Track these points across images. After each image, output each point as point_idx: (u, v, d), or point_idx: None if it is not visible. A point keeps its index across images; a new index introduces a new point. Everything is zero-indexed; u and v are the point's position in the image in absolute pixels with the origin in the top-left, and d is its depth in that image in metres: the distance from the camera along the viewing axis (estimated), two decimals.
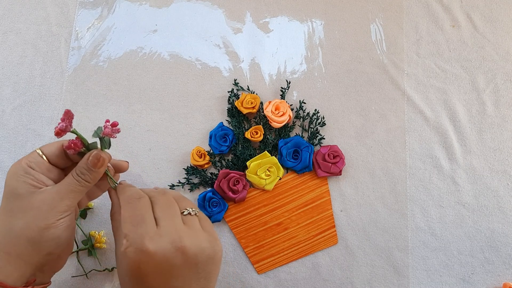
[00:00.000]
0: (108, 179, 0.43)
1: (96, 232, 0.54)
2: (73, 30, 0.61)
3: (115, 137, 0.40)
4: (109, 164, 0.44)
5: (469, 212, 0.55)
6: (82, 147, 0.39)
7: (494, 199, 0.55)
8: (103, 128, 0.39)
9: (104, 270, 0.54)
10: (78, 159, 0.41)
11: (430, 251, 0.55)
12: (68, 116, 0.38)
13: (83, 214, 0.55)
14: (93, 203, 0.55)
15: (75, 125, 0.58)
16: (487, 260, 0.54)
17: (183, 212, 0.40)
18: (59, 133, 0.37)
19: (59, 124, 0.37)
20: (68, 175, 0.40)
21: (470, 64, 0.59)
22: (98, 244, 0.54)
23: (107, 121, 0.39)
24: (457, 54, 0.59)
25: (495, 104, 0.58)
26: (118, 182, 0.43)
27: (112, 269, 0.53)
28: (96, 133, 0.40)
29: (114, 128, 0.39)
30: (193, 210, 0.41)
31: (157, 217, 0.39)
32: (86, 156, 0.40)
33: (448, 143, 0.57)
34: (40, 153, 0.40)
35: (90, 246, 0.54)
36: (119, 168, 0.45)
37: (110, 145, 0.41)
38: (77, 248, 0.54)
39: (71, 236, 0.40)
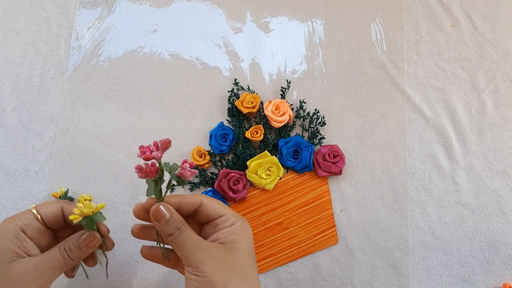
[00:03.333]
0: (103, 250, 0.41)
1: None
2: (73, 30, 0.61)
3: (191, 179, 0.37)
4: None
5: (469, 212, 0.55)
6: (152, 177, 0.36)
7: (494, 199, 0.55)
8: (179, 167, 0.36)
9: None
10: (73, 224, 0.39)
11: (430, 251, 0.55)
12: (165, 146, 0.36)
13: None
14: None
15: (75, 125, 0.58)
16: (487, 260, 0.54)
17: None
18: (149, 159, 0.35)
19: (151, 151, 0.35)
20: (53, 248, 0.38)
21: (470, 64, 0.59)
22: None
23: (185, 161, 0.36)
24: (457, 54, 0.59)
25: (495, 104, 0.58)
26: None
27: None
28: (169, 168, 0.37)
29: (192, 170, 0.36)
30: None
31: None
32: (78, 233, 0.38)
33: (448, 143, 0.57)
34: (37, 214, 0.38)
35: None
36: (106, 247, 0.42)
37: (182, 183, 0.37)
38: None
39: None
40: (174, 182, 0.37)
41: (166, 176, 0.37)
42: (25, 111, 0.58)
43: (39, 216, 0.38)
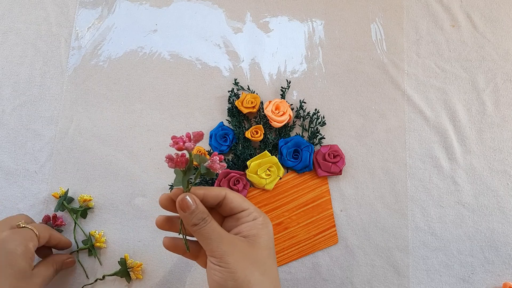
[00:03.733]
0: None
1: (96, 232, 0.54)
2: (73, 30, 0.61)
3: (219, 172, 0.37)
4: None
5: (469, 212, 0.55)
6: (182, 168, 0.37)
7: (494, 199, 0.55)
8: (209, 160, 0.37)
9: (96, 281, 0.54)
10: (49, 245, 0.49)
11: (430, 251, 0.55)
12: (197, 138, 0.36)
13: (84, 213, 0.55)
14: (93, 203, 0.55)
15: (75, 125, 0.58)
16: (487, 260, 0.54)
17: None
18: (181, 149, 0.35)
19: (184, 142, 0.35)
20: (46, 266, 0.49)
21: (470, 64, 0.59)
22: (98, 244, 0.54)
23: (215, 154, 0.37)
24: (457, 54, 0.59)
25: (495, 104, 0.58)
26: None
27: (104, 277, 0.53)
28: (199, 159, 0.37)
29: (221, 164, 0.37)
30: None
31: None
32: (64, 256, 0.52)
33: (448, 143, 0.57)
34: (38, 235, 0.47)
35: (90, 246, 0.54)
36: (62, 245, 0.52)
37: (211, 175, 0.37)
38: (77, 247, 0.54)
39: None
40: (202, 173, 0.37)
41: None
42: (25, 111, 0.58)
43: (39, 237, 0.47)
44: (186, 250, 0.41)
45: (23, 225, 0.46)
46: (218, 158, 0.36)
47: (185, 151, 0.36)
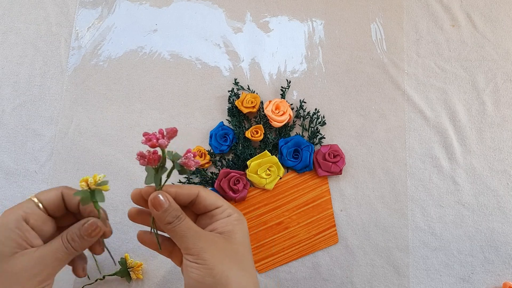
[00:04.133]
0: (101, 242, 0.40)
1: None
2: (73, 29, 0.61)
3: (193, 169, 0.36)
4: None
5: (469, 211, 0.55)
6: (156, 164, 0.36)
7: (494, 199, 0.55)
8: (182, 157, 0.36)
9: (96, 281, 0.54)
10: (77, 210, 0.38)
11: (430, 250, 0.55)
12: (171, 135, 0.35)
13: None
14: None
15: (75, 125, 0.58)
16: (487, 260, 0.54)
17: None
18: (154, 146, 0.35)
19: (157, 139, 0.34)
20: (56, 238, 0.37)
21: (470, 63, 0.59)
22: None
23: (189, 151, 0.36)
24: (457, 54, 0.59)
25: (495, 104, 0.58)
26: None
27: (104, 277, 0.53)
28: (172, 157, 0.36)
29: (196, 160, 0.36)
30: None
31: None
32: (80, 222, 0.37)
33: (448, 142, 0.57)
34: (38, 202, 0.37)
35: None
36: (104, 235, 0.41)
37: (185, 172, 0.37)
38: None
39: None
40: (177, 171, 0.37)
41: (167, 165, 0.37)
42: (25, 111, 0.58)
43: (40, 204, 0.37)
44: (159, 248, 0.40)
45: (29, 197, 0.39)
46: (192, 155, 0.36)
47: (157, 148, 0.35)
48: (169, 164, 0.36)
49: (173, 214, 0.37)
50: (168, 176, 0.37)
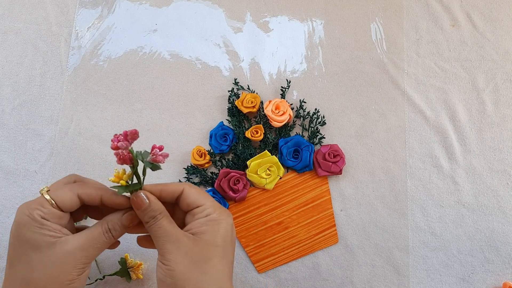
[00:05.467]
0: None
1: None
2: (73, 29, 0.61)
3: (164, 162, 0.37)
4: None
5: (469, 211, 0.55)
6: (129, 164, 0.37)
7: (494, 199, 0.55)
8: (150, 154, 0.37)
9: (96, 281, 0.53)
10: (95, 203, 0.39)
11: (430, 250, 0.55)
12: (132, 136, 0.36)
13: None
14: None
15: (75, 125, 0.58)
16: (487, 260, 0.54)
17: None
18: (117, 148, 0.36)
19: (119, 141, 0.36)
20: (95, 226, 0.38)
21: (470, 63, 0.59)
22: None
23: (155, 147, 0.37)
24: (457, 54, 0.59)
25: (495, 104, 0.58)
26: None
27: (104, 277, 0.53)
28: (141, 156, 0.37)
29: (163, 153, 0.37)
30: None
31: None
32: (121, 212, 0.39)
33: (448, 142, 0.57)
34: (52, 201, 0.37)
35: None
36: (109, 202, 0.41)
37: (157, 168, 0.38)
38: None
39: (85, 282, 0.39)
40: (148, 169, 0.38)
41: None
42: (25, 111, 0.58)
43: (54, 203, 0.37)
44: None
45: (41, 193, 0.39)
46: (158, 149, 0.37)
47: (130, 149, 0.36)
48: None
49: (150, 214, 0.38)
50: (144, 174, 0.38)
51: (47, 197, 0.37)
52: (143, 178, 0.38)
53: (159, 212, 0.38)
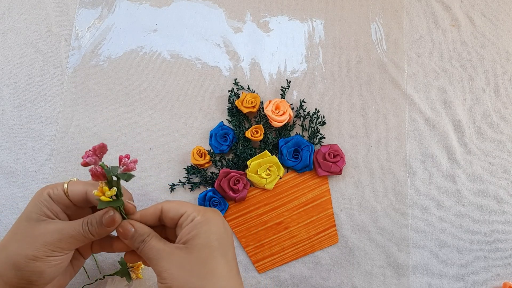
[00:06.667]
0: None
1: None
2: (73, 29, 0.61)
3: (136, 168, 0.38)
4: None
5: (469, 211, 0.55)
6: (104, 180, 0.37)
7: (494, 199, 0.55)
8: (120, 166, 0.38)
9: (96, 281, 0.53)
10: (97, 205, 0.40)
11: (430, 250, 0.55)
12: (101, 150, 0.36)
13: None
14: None
15: (75, 125, 0.58)
16: (487, 260, 0.54)
17: None
18: (86, 165, 0.36)
19: (87, 156, 0.36)
20: (80, 219, 0.39)
21: (470, 63, 0.59)
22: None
23: (121, 157, 0.38)
24: (457, 54, 0.59)
25: (495, 104, 0.58)
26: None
27: (104, 277, 0.53)
28: (111, 172, 0.37)
29: (133, 160, 0.38)
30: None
31: None
32: (102, 212, 0.39)
33: (448, 142, 0.57)
34: (66, 188, 0.40)
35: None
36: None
37: (131, 177, 0.38)
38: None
39: (58, 274, 0.39)
40: (125, 179, 0.38)
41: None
42: (25, 111, 0.58)
43: (66, 189, 0.40)
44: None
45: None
46: (126, 159, 0.37)
47: (101, 164, 0.36)
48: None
49: (138, 239, 0.39)
50: (118, 187, 0.38)
51: (65, 184, 0.40)
52: (118, 191, 0.38)
53: (147, 234, 0.39)
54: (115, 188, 0.37)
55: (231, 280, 0.38)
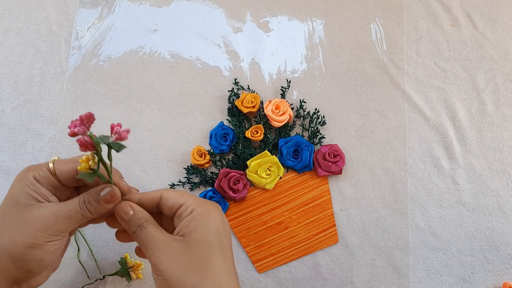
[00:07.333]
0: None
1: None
2: (73, 29, 0.61)
3: (128, 138, 0.36)
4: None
5: (469, 211, 0.55)
6: (93, 150, 0.35)
7: (494, 199, 0.55)
8: (111, 135, 0.36)
9: (96, 281, 0.53)
10: (88, 183, 0.37)
11: (430, 250, 0.55)
12: (88, 120, 0.35)
13: None
14: None
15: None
16: (487, 260, 0.54)
17: None
18: (74, 135, 0.34)
19: (75, 126, 0.34)
20: (74, 198, 0.37)
21: (470, 63, 0.59)
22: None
23: (113, 126, 0.36)
24: (457, 54, 0.59)
25: (495, 104, 0.58)
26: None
27: (104, 277, 0.53)
28: (102, 140, 0.35)
29: (126, 129, 0.36)
30: None
31: None
32: (99, 188, 0.37)
33: (448, 142, 0.57)
34: (52, 168, 0.37)
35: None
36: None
37: (122, 147, 0.36)
38: (78, 250, 0.54)
39: (57, 259, 0.38)
40: (116, 150, 0.35)
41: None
42: (25, 111, 0.58)
43: (52, 169, 0.37)
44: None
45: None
46: (119, 126, 0.35)
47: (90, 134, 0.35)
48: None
49: (136, 223, 0.37)
50: (109, 157, 0.36)
51: (50, 164, 0.37)
52: (111, 164, 0.36)
53: (145, 219, 0.37)
54: (95, 157, 0.35)
55: (229, 277, 0.37)
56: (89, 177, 0.35)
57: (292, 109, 0.58)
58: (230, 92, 0.58)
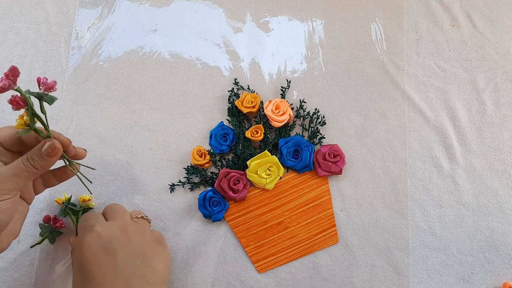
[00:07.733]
0: (67, 166, 0.43)
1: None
2: (73, 29, 0.61)
3: (56, 89, 0.37)
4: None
5: (469, 211, 0.55)
6: (25, 106, 0.37)
7: (494, 199, 0.55)
8: (40, 87, 0.37)
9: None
10: (33, 144, 0.40)
11: (430, 250, 0.55)
12: (13, 73, 0.35)
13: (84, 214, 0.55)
14: (93, 202, 0.55)
15: (75, 124, 0.58)
16: (487, 260, 0.54)
17: (136, 216, 0.50)
18: (1, 91, 0.35)
19: (1, 81, 0.35)
20: (18, 158, 0.39)
21: (470, 63, 0.59)
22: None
23: (39, 79, 0.37)
24: (457, 54, 0.59)
25: (495, 104, 0.58)
26: (77, 170, 0.44)
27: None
28: (31, 93, 0.36)
29: (53, 81, 0.37)
30: (145, 216, 0.51)
31: (109, 218, 0.49)
32: (41, 144, 0.39)
33: (448, 142, 0.57)
34: None
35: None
36: (76, 156, 0.44)
37: (53, 100, 0.37)
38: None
39: (10, 219, 0.39)
40: (47, 102, 0.37)
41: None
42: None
43: None
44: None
45: None
46: (43, 78, 0.37)
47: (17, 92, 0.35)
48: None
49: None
50: (42, 111, 0.38)
51: None
52: (46, 117, 0.39)
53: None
54: (29, 113, 0.36)
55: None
56: (26, 132, 0.36)
57: (292, 109, 0.58)
58: (230, 92, 0.58)
